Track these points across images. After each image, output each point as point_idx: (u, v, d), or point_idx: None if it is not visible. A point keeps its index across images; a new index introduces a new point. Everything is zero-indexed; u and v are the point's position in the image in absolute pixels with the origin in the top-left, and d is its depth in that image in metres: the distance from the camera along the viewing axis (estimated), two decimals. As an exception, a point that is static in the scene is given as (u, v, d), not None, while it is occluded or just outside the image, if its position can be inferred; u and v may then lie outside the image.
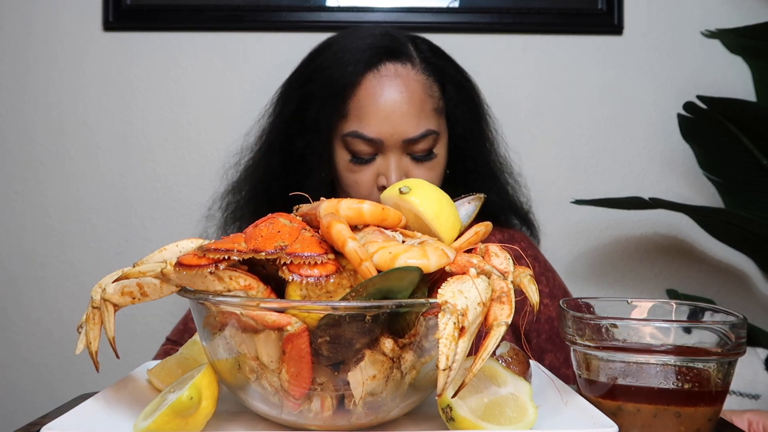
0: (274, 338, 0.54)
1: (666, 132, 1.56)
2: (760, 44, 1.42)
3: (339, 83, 1.10)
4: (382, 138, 1.08)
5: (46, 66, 1.54)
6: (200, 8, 1.53)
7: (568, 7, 1.53)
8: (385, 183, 1.09)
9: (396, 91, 1.09)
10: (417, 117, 1.09)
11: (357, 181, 1.12)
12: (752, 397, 1.19)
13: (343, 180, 1.14)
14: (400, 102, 1.09)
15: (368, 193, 1.11)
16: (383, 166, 1.10)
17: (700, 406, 0.61)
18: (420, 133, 1.09)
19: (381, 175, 1.10)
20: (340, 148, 1.12)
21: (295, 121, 1.15)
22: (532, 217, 1.28)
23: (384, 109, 1.08)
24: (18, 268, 1.54)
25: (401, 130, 1.08)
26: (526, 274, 0.60)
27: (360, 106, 1.09)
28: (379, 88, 1.09)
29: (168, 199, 1.55)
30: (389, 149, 1.09)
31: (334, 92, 1.10)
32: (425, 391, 0.60)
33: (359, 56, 1.11)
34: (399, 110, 1.08)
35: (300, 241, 0.55)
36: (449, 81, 1.17)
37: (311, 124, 1.12)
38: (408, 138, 1.09)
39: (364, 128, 1.08)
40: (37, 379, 1.54)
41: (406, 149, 1.10)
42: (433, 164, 1.13)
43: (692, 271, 1.57)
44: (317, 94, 1.12)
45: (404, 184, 0.66)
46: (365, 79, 1.10)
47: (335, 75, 1.11)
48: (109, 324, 0.62)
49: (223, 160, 1.54)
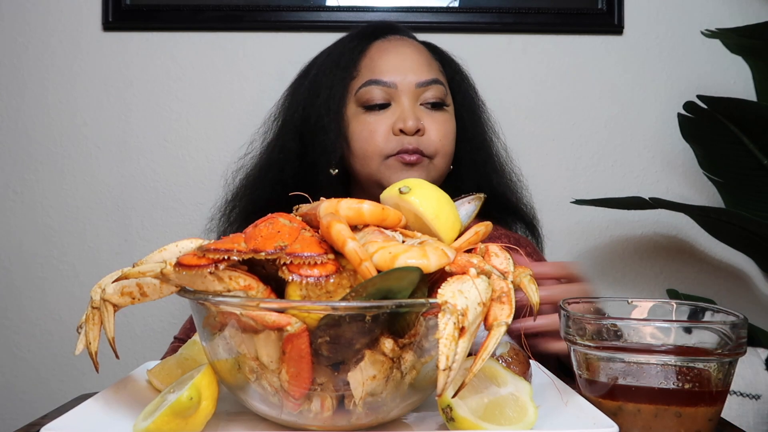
0: (274, 338, 0.54)
1: (666, 132, 1.56)
2: (760, 44, 1.42)
3: (349, 52, 1.15)
4: (395, 81, 1.11)
5: (45, 66, 1.54)
6: (200, 8, 1.53)
7: (568, 7, 1.53)
8: (402, 126, 1.09)
9: (404, 46, 1.16)
10: (427, 65, 1.15)
11: (372, 130, 1.11)
12: (753, 397, 1.19)
13: (357, 137, 1.12)
14: (410, 53, 1.15)
15: (384, 141, 1.10)
16: (398, 112, 1.11)
17: (700, 406, 0.61)
18: (431, 78, 1.13)
19: (398, 120, 1.10)
20: (352, 106, 1.13)
21: (308, 101, 1.17)
22: (536, 224, 1.28)
23: (395, 59, 1.13)
24: (18, 268, 1.54)
25: (413, 75, 1.12)
26: (526, 274, 0.60)
27: (371, 62, 1.14)
28: (389, 46, 1.16)
29: (167, 200, 1.55)
30: (403, 94, 1.11)
31: (345, 60, 1.15)
32: (425, 391, 0.60)
33: (365, 32, 1.19)
34: (410, 58, 1.14)
35: (300, 241, 0.55)
36: (447, 61, 1.22)
37: (325, 95, 1.14)
38: (420, 81, 1.12)
39: (377, 75, 1.12)
40: (36, 379, 1.53)
41: (418, 97, 1.12)
42: (446, 117, 1.14)
43: (692, 271, 1.57)
44: (329, 70, 1.16)
45: (404, 184, 0.66)
46: (374, 44, 1.16)
47: (344, 49, 1.17)
48: (108, 324, 0.61)
49: (223, 160, 1.55)
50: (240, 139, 1.55)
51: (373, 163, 1.11)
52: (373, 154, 1.11)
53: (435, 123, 1.12)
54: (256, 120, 1.55)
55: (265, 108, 1.56)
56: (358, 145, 1.12)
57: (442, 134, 1.12)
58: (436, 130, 1.11)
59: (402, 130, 1.09)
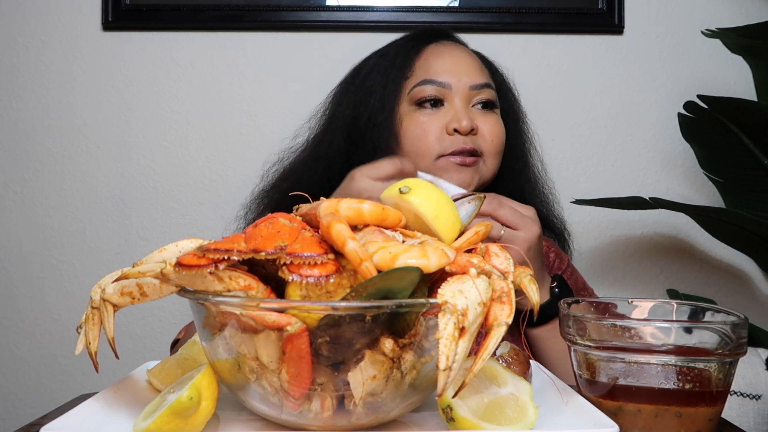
0: (273, 338, 0.54)
1: (666, 132, 1.56)
2: (760, 44, 1.42)
3: (404, 53, 1.17)
4: (450, 82, 1.12)
5: (45, 66, 1.54)
6: (199, 8, 1.53)
7: (568, 6, 1.53)
8: (456, 126, 1.09)
9: (458, 50, 1.17)
10: (480, 69, 1.16)
11: (426, 129, 1.11)
12: (753, 397, 1.19)
13: (409, 134, 1.12)
14: (464, 56, 1.16)
15: (437, 140, 1.10)
16: (452, 112, 1.11)
17: (701, 406, 0.61)
18: (484, 82, 1.14)
19: (452, 120, 1.10)
20: (405, 105, 1.14)
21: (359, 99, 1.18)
22: (567, 236, 1.29)
23: (450, 60, 1.14)
24: (17, 268, 1.54)
25: (467, 77, 1.13)
26: (526, 274, 0.60)
27: (426, 63, 1.15)
28: (444, 49, 1.17)
29: (167, 199, 1.55)
30: (456, 95, 1.12)
31: (399, 61, 1.16)
32: (425, 391, 0.60)
33: (419, 36, 1.20)
34: (464, 61, 1.15)
35: (300, 241, 0.55)
36: (495, 71, 1.24)
37: (379, 93, 1.15)
38: (474, 84, 1.13)
39: (432, 75, 1.13)
40: (36, 379, 1.53)
41: (471, 99, 1.13)
42: (497, 119, 1.15)
43: (693, 271, 1.57)
44: (383, 70, 1.17)
45: (404, 184, 0.66)
46: (428, 47, 1.17)
47: (399, 50, 1.18)
48: (108, 324, 0.61)
49: (223, 160, 1.55)
50: (240, 138, 1.55)
51: (424, 162, 1.11)
52: (425, 152, 1.11)
53: (488, 123, 1.13)
54: (257, 120, 1.55)
55: (265, 108, 1.56)
56: (410, 143, 1.12)
57: (495, 134, 1.13)
58: (489, 131, 1.12)
59: (456, 130, 1.09)
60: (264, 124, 1.54)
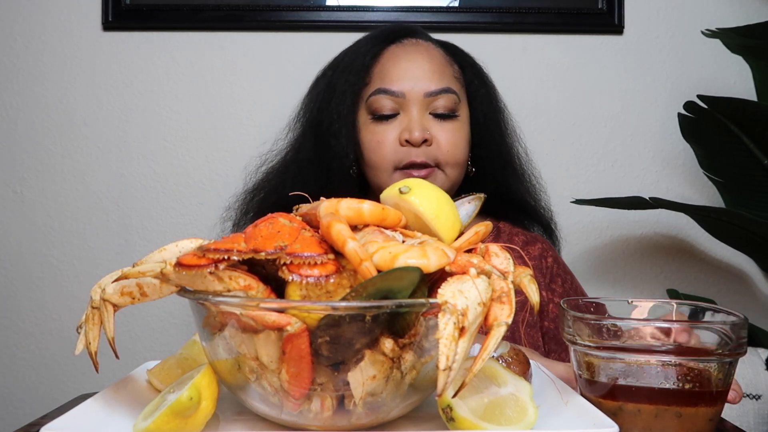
0: (273, 338, 0.54)
1: (666, 132, 1.56)
2: (760, 44, 1.42)
3: (362, 57, 1.14)
4: (404, 91, 1.10)
5: (45, 66, 1.54)
6: (199, 8, 1.53)
7: (568, 6, 1.53)
8: (408, 137, 1.08)
9: (417, 53, 1.14)
10: (438, 74, 1.12)
11: (380, 140, 1.10)
12: (754, 397, 1.19)
13: (366, 146, 1.12)
14: (421, 60, 1.13)
15: (392, 151, 1.09)
16: (406, 122, 1.10)
17: (700, 406, 0.61)
18: (441, 88, 1.11)
19: (404, 130, 1.09)
20: (363, 113, 1.13)
21: (322, 105, 1.17)
22: (554, 227, 1.27)
23: (406, 68, 1.12)
24: (17, 268, 1.54)
25: (422, 84, 1.10)
26: (526, 274, 0.60)
27: (383, 69, 1.13)
28: (402, 52, 1.14)
29: (167, 199, 1.55)
30: (411, 104, 1.10)
31: (357, 66, 1.14)
32: (425, 391, 0.60)
33: (381, 35, 1.17)
34: (420, 67, 1.12)
35: (300, 241, 0.55)
36: (467, 65, 1.20)
37: (337, 101, 1.14)
38: (429, 91, 1.10)
39: (386, 84, 1.11)
40: (36, 379, 1.53)
41: (427, 107, 1.11)
42: (456, 126, 1.12)
43: (693, 271, 1.57)
44: (343, 75, 1.15)
45: (404, 184, 0.66)
46: (387, 50, 1.15)
47: (359, 53, 1.16)
48: (108, 324, 0.61)
49: (223, 160, 1.55)
50: (240, 138, 1.55)
51: (382, 174, 1.11)
52: (380, 164, 1.10)
53: (444, 132, 1.10)
54: (257, 120, 1.55)
55: (265, 108, 1.56)
56: (367, 154, 1.12)
57: (452, 144, 1.10)
58: (445, 140, 1.10)
59: (408, 141, 1.08)
60: (264, 124, 1.54)
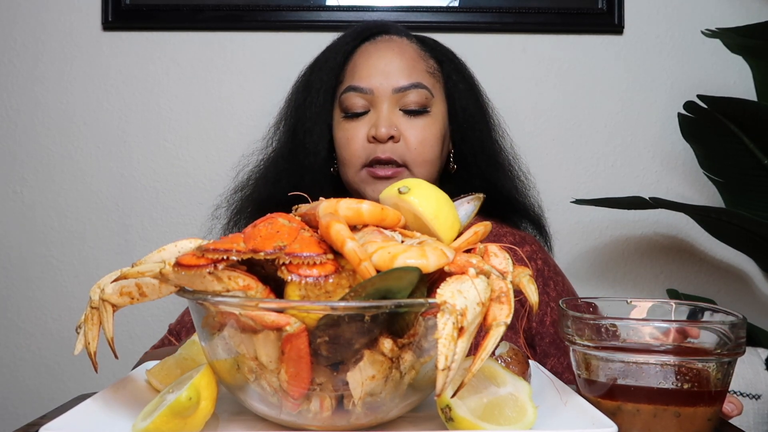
0: (273, 338, 0.54)
1: (666, 132, 1.56)
2: (760, 43, 1.42)
3: (336, 55, 1.14)
4: (372, 87, 1.09)
5: (45, 66, 1.54)
6: (199, 8, 1.53)
7: (568, 6, 1.53)
8: (374, 133, 1.07)
9: (388, 49, 1.13)
10: (408, 70, 1.11)
11: (350, 138, 1.10)
12: (753, 397, 1.19)
13: (338, 143, 1.12)
14: (391, 56, 1.12)
15: (360, 148, 1.09)
16: (374, 118, 1.09)
17: (699, 406, 0.61)
18: (410, 83, 1.10)
19: (371, 127, 1.08)
20: (337, 112, 1.13)
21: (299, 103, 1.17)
22: (544, 222, 1.26)
23: (376, 64, 1.11)
24: (17, 267, 1.54)
25: (391, 80, 1.09)
26: (525, 274, 0.60)
27: (354, 66, 1.13)
28: (373, 49, 1.14)
29: (167, 199, 1.55)
30: (380, 100, 1.09)
31: (331, 64, 1.14)
32: (424, 391, 0.60)
33: (356, 33, 1.17)
34: (390, 63, 1.11)
35: (299, 241, 0.55)
36: (446, 59, 1.18)
37: (312, 99, 1.14)
38: (398, 87, 1.09)
39: (356, 81, 1.10)
40: (35, 379, 1.53)
41: (397, 102, 1.10)
42: (427, 122, 1.11)
43: (692, 271, 1.57)
44: (318, 74, 1.15)
45: (403, 184, 0.66)
46: (360, 47, 1.15)
47: (334, 51, 1.16)
48: (107, 324, 0.61)
49: (223, 160, 1.55)
50: (240, 138, 1.55)
51: (351, 172, 1.10)
52: (350, 162, 1.10)
53: (413, 129, 1.09)
54: (256, 120, 1.55)
55: (264, 108, 1.56)
56: (339, 152, 1.12)
57: (419, 141, 1.09)
58: (414, 137, 1.09)
59: (375, 137, 1.07)
60: (263, 124, 1.54)
